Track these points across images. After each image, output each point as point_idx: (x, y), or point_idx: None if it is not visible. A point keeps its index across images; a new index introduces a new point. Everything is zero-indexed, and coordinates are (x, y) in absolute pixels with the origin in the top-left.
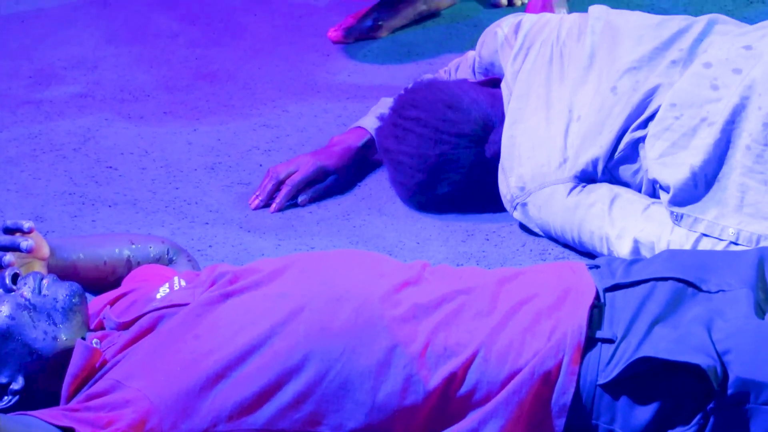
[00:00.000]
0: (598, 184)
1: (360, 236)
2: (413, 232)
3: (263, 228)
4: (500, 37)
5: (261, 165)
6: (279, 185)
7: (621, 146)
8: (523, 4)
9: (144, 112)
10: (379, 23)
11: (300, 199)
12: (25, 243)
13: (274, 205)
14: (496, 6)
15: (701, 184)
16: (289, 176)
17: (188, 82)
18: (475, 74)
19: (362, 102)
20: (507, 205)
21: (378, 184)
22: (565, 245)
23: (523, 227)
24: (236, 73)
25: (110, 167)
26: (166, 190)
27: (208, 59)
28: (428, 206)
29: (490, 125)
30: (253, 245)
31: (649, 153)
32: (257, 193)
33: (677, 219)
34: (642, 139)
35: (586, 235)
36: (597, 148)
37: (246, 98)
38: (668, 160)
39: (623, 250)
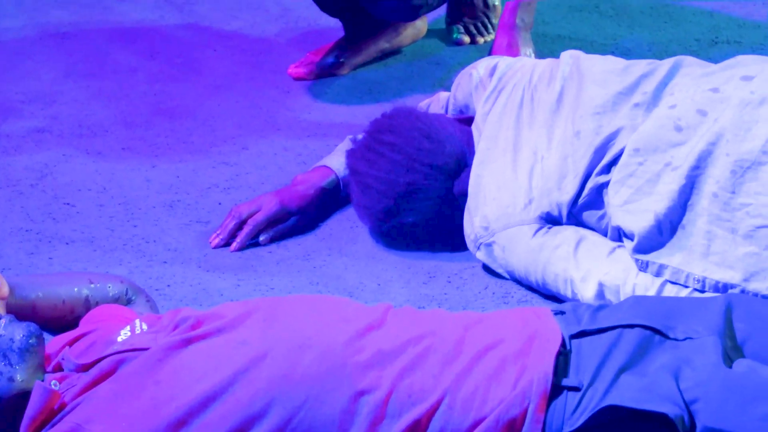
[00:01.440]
0: (563, 227)
1: (320, 277)
2: (374, 273)
3: (222, 267)
4: (475, 79)
5: (220, 203)
6: (241, 224)
7: (585, 192)
8: (486, 42)
9: (102, 148)
10: (341, 60)
11: (261, 238)
12: None
13: (234, 244)
14: (459, 44)
15: (666, 231)
16: (251, 215)
17: (147, 117)
18: (447, 115)
19: (323, 140)
20: (470, 245)
21: (339, 224)
22: (529, 288)
23: (486, 269)
24: (196, 109)
25: (68, 203)
26: (124, 228)
27: (167, 95)
28: (390, 235)
29: (463, 163)
30: (212, 285)
31: (612, 200)
32: (218, 232)
33: (643, 267)
34: (606, 184)
35: (550, 277)
36: (562, 193)
37: (205, 135)
38: (632, 207)
39: (588, 293)
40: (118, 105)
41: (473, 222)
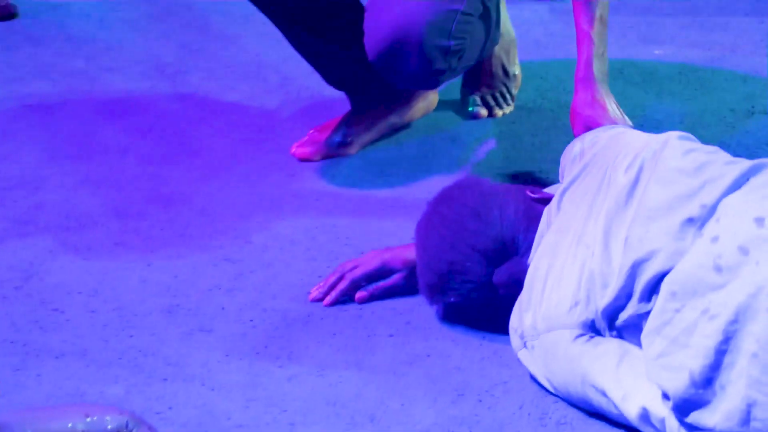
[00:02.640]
0: (607, 338)
1: (337, 396)
2: (396, 391)
3: (228, 385)
4: (576, 151)
5: (224, 308)
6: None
7: (625, 315)
8: (504, 114)
9: (92, 243)
10: (349, 139)
11: (358, 296)
12: None
13: (327, 298)
14: (476, 117)
15: (704, 390)
16: (351, 271)
17: (140, 206)
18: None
19: (333, 232)
20: (514, 342)
21: (355, 333)
22: (569, 404)
23: (519, 385)
24: (193, 196)
25: (56, 309)
26: (118, 338)
27: (161, 179)
28: (439, 308)
29: (512, 250)
30: (219, 407)
31: (647, 351)
32: (320, 285)
33: (688, 429)
34: (645, 315)
35: (590, 392)
36: (603, 301)
37: (204, 226)
38: (667, 361)
39: (631, 413)
40: (108, 192)
41: (522, 318)
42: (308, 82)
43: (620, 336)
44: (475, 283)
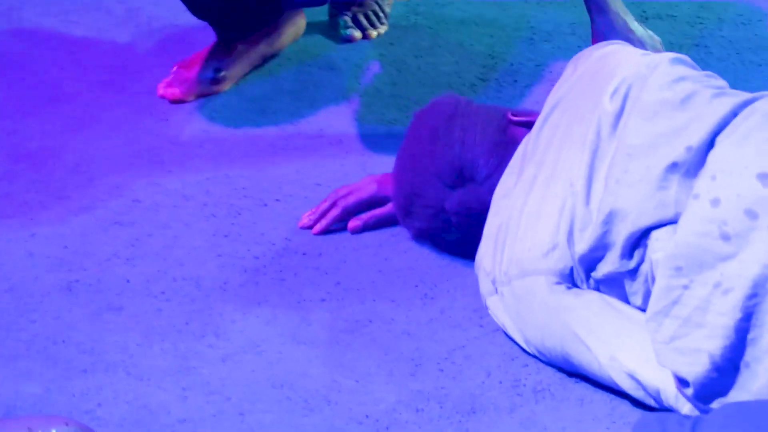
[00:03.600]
0: (586, 290)
1: (283, 377)
2: (346, 366)
3: (157, 373)
4: (567, 75)
5: (129, 281)
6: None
7: (602, 269)
8: (379, 35)
9: None
10: (221, 74)
11: (351, 225)
12: None
13: (317, 226)
14: (349, 40)
15: (727, 372)
16: (344, 197)
17: (5, 167)
18: None
19: (227, 182)
20: (485, 285)
21: (281, 299)
22: (545, 364)
23: (479, 350)
24: (61, 150)
25: None
26: (19, 325)
27: (22, 134)
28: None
29: (468, 176)
30: (153, 399)
31: (656, 335)
32: (311, 212)
33: (697, 402)
34: (629, 273)
35: (571, 347)
36: (580, 245)
37: (82, 185)
38: (681, 344)
39: (618, 377)
40: None
41: (495, 259)
42: (157, 11)
43: (598, 290)
44: (434, 208)
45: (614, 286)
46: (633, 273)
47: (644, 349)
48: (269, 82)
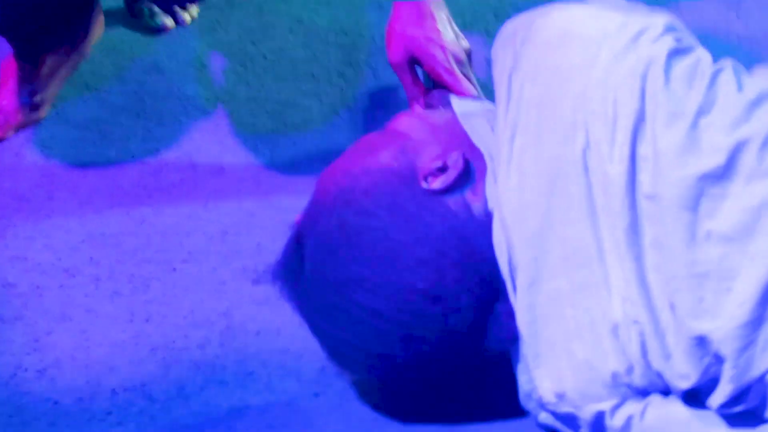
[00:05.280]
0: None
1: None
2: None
3: None
4: (508, 64)
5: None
6: None
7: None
8: (194, 19)
9: None
10: (38, 97)
11: None
12: None
13: None
14: (162, 30)
15: None
16: None
17: None
18: None
19: (108, 243)
20: (526, 401)
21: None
22: None
23: None
24: None
25: None
26: None
27: None
28: None
29: (490, 306)
30: None
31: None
32: None
33: None
34: None
35: None
36: (679, 383)
37: None
38: None
39: None
40: None
41: (532, 375)
42: None
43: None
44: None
45: None
46: None
47: None
48: (93, 99)
